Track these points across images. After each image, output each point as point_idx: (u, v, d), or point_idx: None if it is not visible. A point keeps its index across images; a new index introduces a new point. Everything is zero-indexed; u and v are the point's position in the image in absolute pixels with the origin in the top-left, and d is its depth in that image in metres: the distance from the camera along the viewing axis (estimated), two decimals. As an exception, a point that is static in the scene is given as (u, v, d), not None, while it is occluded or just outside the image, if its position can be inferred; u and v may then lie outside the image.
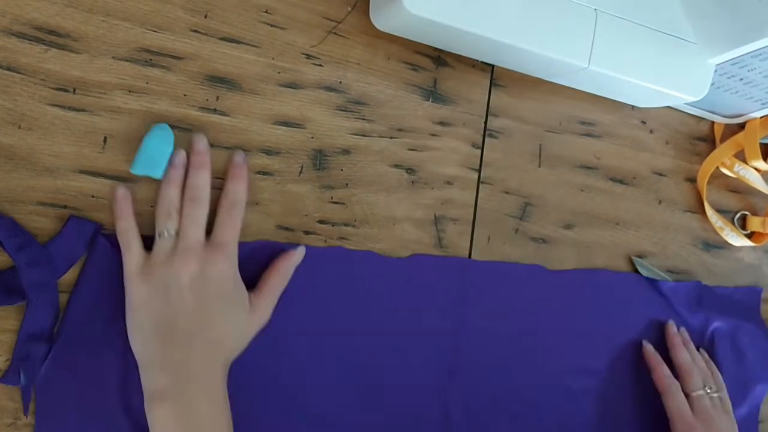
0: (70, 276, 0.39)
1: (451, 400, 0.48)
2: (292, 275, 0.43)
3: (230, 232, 0.40)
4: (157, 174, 0.39)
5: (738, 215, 0.62)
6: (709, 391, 0.55)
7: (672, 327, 0.58)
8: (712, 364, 0.58)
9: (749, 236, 0.62)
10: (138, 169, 0.39)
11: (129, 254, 0.38)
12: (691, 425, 0.53)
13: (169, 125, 0.40)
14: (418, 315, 0.47)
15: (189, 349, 0.37)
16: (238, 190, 0.41)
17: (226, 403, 0.38)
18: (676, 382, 0.54)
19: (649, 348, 0.56)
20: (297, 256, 0.43)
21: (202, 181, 0.40)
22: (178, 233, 0.39)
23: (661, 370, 0.55)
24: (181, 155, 0.40)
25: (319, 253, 0.44)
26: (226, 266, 0.39)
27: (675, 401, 0.54)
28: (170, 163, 0.39)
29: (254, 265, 0.42)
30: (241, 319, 0.40)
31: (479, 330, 0.49)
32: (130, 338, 0.38)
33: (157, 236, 0.39)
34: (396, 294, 0.47)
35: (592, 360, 0.54)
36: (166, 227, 0.38)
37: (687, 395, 0.54)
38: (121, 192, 0.38)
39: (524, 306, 0.51)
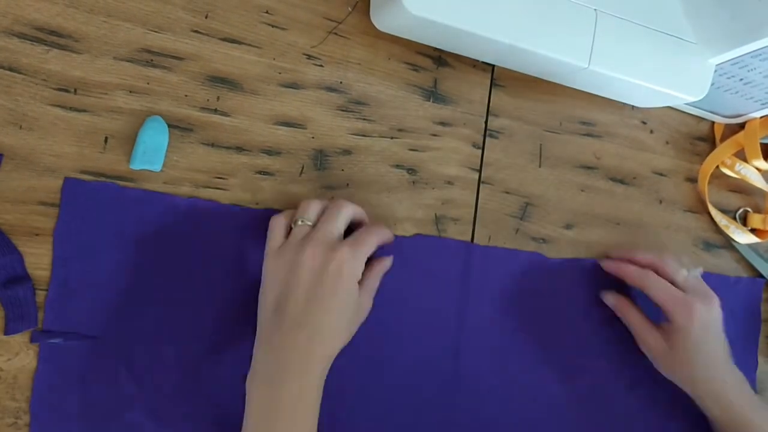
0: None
1: (454, 377, 0.48)
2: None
3: (370, 237, 0.40)
4: (156, 167, 0.39)
5: (739, 211, 0.62)
6: (689, 271, 0.49)
7: (608, 262, 0.52)
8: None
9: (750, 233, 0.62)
10: (137, 164, 0.39)
11: (271, 234, 0.40)
12: (688, 303, 0.46)
13: (169, 125, 0.40)
14: (421, 293, 0.47)
15: (294, 337, 0.37)
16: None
17: (317, 397, 0.38)
18: (651, 271, 0.48)
19: (608, 264, 0.51)
20: (387, 262, 0.44)
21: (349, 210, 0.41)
22: (314, 225, 0.40)
23: (628, 268, 0.49)
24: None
25: None
26: (351, 265, 0.38)
27: (658, 287, 0.47)
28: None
29: None
30: (349, 317, 0.39)
31: (482, 313, 0.49)
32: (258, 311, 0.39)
33: (293, 224, 0.40)
34: (399, 271, 0.46)
35: (592, 345, 0.54)
36: (302, 217, 0.40)
37: (671, 282, 0.48)
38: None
39: (525, 291, 0.51)
